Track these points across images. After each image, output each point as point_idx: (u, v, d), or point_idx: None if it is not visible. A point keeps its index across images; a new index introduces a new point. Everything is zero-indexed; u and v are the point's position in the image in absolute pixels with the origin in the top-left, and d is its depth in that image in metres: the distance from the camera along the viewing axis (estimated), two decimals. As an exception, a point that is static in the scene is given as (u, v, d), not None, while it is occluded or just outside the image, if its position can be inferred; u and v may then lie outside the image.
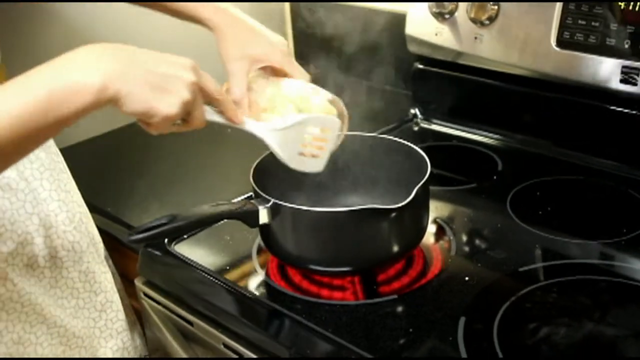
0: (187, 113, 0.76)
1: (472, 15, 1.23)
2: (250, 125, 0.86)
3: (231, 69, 0.91)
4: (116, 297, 1.04)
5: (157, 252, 1.01)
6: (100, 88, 0.69)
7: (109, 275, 1.04)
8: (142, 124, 0.76)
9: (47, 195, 0.95)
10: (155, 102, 0.72)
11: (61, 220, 0.96)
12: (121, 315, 1.04)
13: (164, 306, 1.00)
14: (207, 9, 0.93)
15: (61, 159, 1.02)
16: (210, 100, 0.80)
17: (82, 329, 0.98)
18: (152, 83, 0.72)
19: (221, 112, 0.83)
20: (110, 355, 1.02)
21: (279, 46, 0.94)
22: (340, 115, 0.93)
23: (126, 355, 1.04)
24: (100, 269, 1.02)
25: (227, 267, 0.97)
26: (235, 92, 0.90)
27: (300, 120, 0.88)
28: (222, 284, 0.94)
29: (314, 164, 0.90)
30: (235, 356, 0.89)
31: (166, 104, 0.73)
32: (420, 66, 1.39)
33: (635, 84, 1.08)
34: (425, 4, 1.29)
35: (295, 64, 0.94)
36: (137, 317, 1.10)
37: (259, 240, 0.99)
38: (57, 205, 0.96)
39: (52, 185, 0.96)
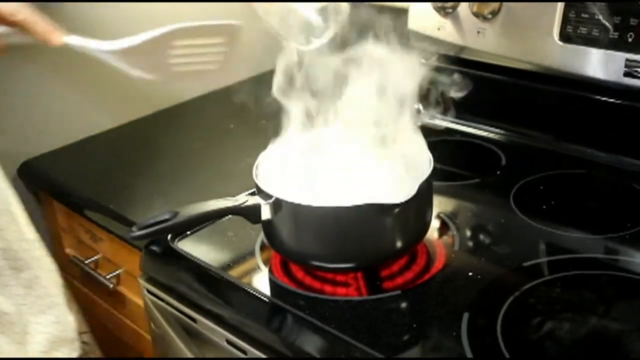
0: None
1: (475, 10, 1.23)
2: (76, 41, 0.77)
3: None
4: (43, 274, 1.02)
5: (160, 249, 1.01)
6: None
7: (34, 252, 1.02)
8: None
9: None
10: None
11: None
12: (52, 291, 1.02)
13: (167, 303, 1.00)
14: None
15: None
16: (7, 24, 0.71)
17: (11, 306, 0.97)
18: None
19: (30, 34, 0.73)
20: (42, 330, 1.00)
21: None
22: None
23: (60, 330, 1.02)
24: (21, 246, 1.00)
25: (230, 264, 0.97)
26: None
27: (154, 36, 0.77)
28: (225, 280, 0.94)
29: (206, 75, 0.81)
30: (238, 353, 0.89)
31: None
32: (423, 61, 1.39)
33: (638, 78, 1.07)
34: (428, -2, 1.28)
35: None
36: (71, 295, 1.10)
37: (262, 236, 0.99)
38: None
39: None
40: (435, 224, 1.01)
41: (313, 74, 0.92)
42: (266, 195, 0.88)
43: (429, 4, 1.29)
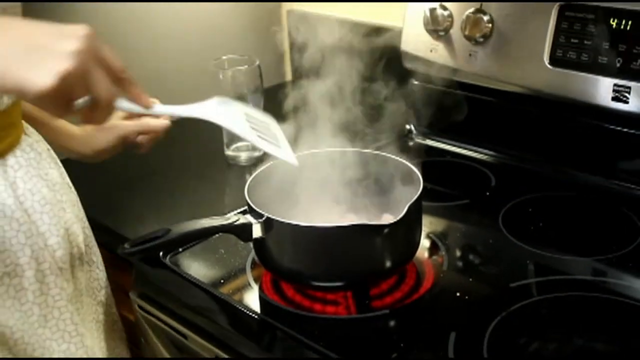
0: (82, 90, 0.67)
1: (467, 33, 1.24)
2: (163, 109, 0.83)
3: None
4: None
5: (152, 265, 1.02)
6: None
7: (102, 316, 1.03)
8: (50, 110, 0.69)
9: (46, 229, 0.88)
10: (25, 74, 0.63)
11: (59, 257, 0.90)
12: None
13: (158, 319, 1.01)
14: None
15: (67, 197, 0.96)
16: (113, 79, 0.70)
17: None
18: (22, 54, 0.63)
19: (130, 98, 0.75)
20: None
21: None
22: None
23: None
24: (97, 310, 1.01)
25: (222, 281, 0.98)
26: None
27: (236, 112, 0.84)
28: (215, 297, 0.94)
29: (285, 153, 0.85)
30: (228, 369, 0.90)
31: (37, 75, 0.63)
32: (416, 82, 1.40)
33: (626, 102, 1.09)
34: (421, 21, 1.30)
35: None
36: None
37: (253, 254, 1.00)
38: (55, 241, 0.89)
39: (51, 220, 0.89)
40: (424, 243, 1.02)
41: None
42: (257, 214, 0.89)
43: (422, 27, 1.30)
